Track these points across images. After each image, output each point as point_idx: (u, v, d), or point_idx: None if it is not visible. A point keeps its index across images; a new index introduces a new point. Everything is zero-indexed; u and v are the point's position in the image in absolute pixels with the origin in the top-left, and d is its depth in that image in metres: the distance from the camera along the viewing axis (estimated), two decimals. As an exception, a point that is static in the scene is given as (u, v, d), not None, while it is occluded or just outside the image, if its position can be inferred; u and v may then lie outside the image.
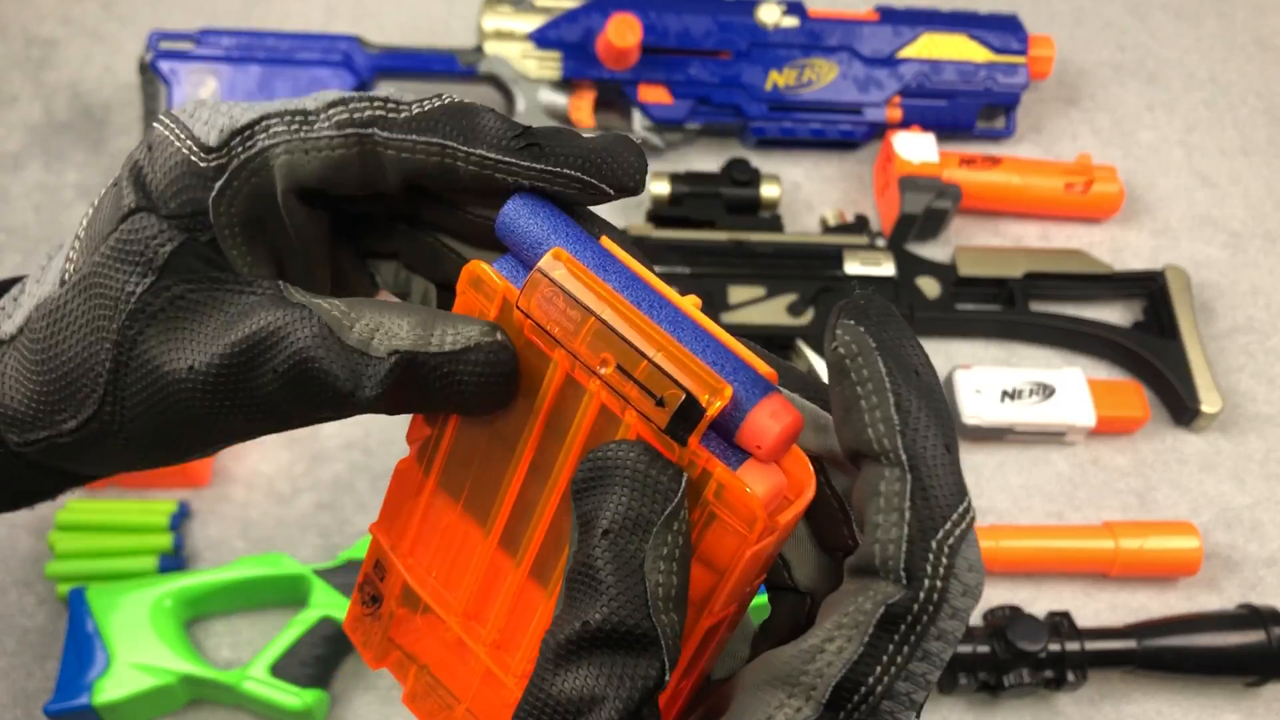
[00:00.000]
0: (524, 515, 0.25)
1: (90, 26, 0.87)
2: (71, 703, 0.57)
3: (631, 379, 0.22)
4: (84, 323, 0.25)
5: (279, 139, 0.25)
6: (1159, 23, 0.95)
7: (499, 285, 0.24)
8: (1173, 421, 0.74)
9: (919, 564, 0.21)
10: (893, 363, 0.22)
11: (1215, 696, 0.65)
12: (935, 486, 0.22)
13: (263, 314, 0.24)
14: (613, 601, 0.21)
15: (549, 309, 0.23)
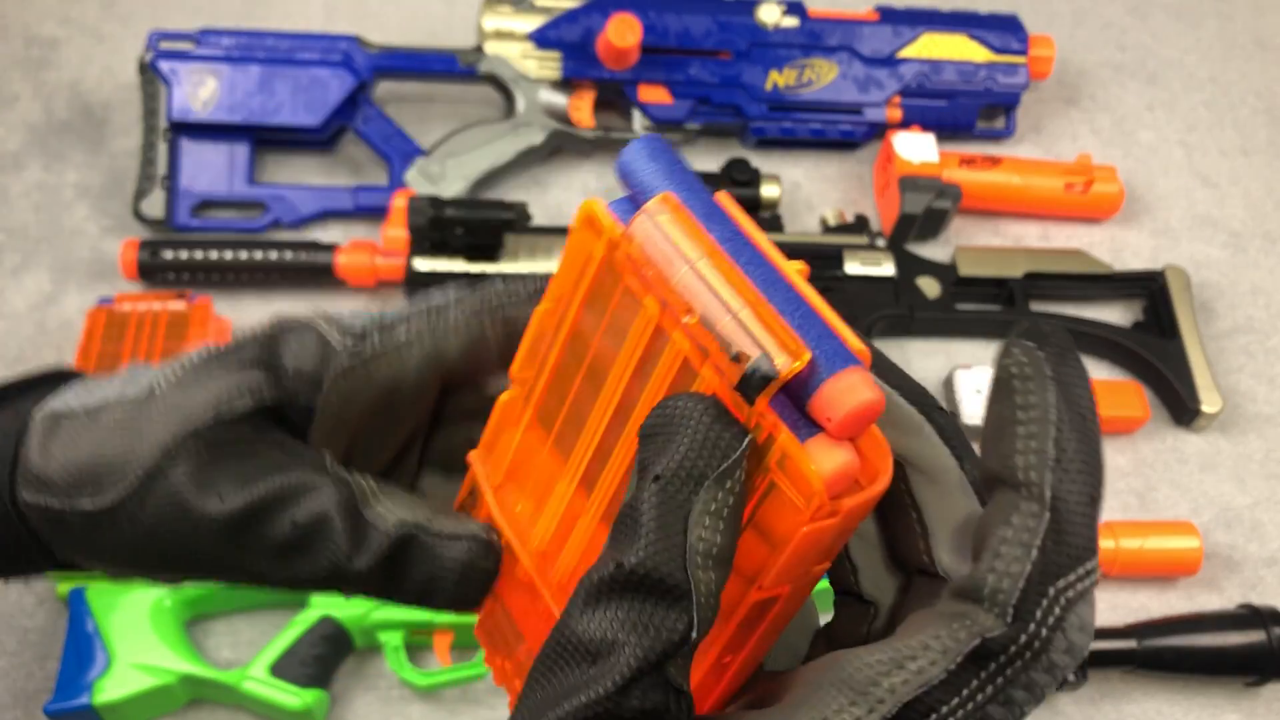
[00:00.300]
0: (603, 458, 0.25)
1: (90, 26, 0.87)
2: (72, 702, 0.57)
3: (713, 331, 0.21)
4: (150, 422, 0.27)
5: (420, 330, 0.28)
6: (1159, 23, 0.95)
7: (607, 225, 0.23)
8: (1173, 421, 0.74)
9: (1031, 605, 0.21)
10: (1063, 398, 0.22)
11: (1215, 696, 0.64)
12: (1071, 534, 0.21)
13: (302, 472, 0.27)
14: (650, 547, 0.21)
15: (648, 251, 0.22)
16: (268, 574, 0.27)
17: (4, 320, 0.74)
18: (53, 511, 0.27)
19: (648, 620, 0.21)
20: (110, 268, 0.76)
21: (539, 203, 0.81)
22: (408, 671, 0.60)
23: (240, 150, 0.78)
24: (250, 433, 0.27)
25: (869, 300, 0.75)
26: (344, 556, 0.26)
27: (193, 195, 0.77)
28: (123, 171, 0.80)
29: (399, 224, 0.73)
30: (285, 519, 0.26)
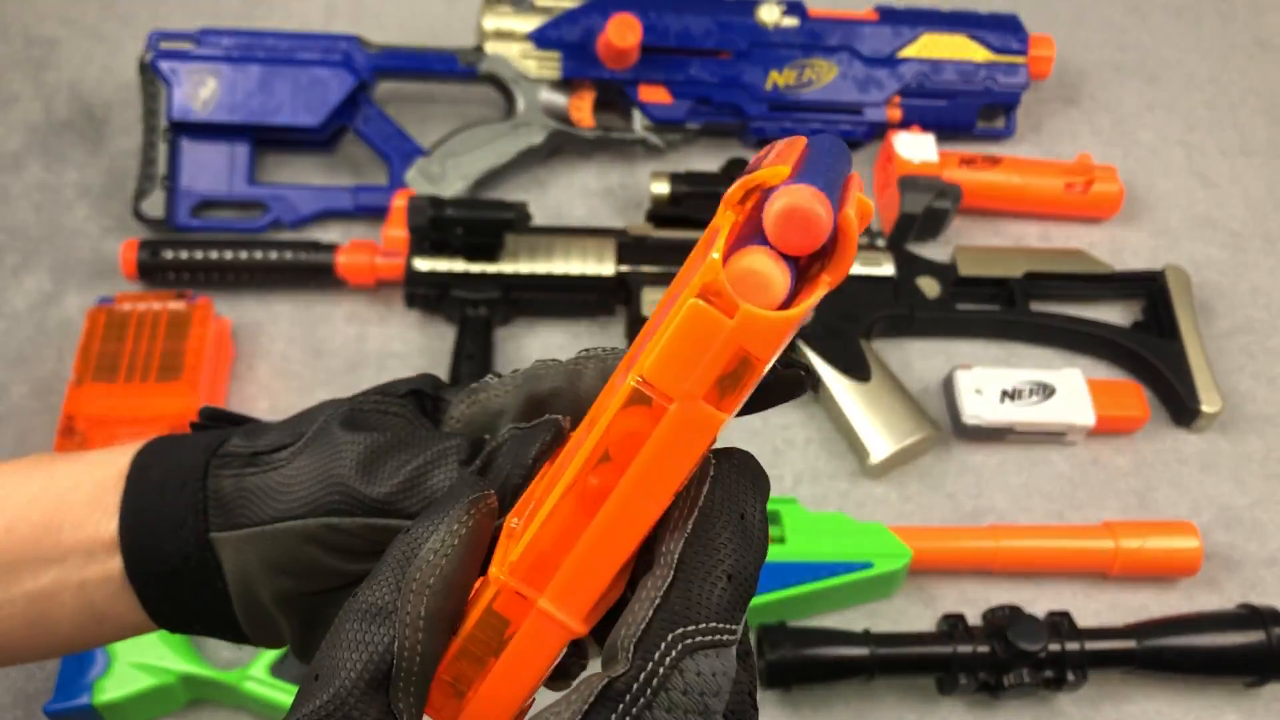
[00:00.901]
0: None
1: (91, 26, 0.87)
2: (72, 703, 0.57)
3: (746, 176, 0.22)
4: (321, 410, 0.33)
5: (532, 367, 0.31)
6: (1159, 23, 0.95)
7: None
8: (1173, 421, 0.74)
9: (650, 647, 0.23)
10: (723, 493, 0.24)
11: (1215, 696, 0.64)
12: (696, 595, 0.23)
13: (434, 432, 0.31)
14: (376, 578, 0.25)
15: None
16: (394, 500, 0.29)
17: (4, 320, 0.74)
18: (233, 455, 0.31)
19: (364, 639, 0.24)
20: (110, 267, 0.76)
21: (539, 203, 0.81)
22: (408, 671, 0.60)
23: (240, 150, 0.78)
24: (404, 411, 0.32)
25: (869, 300, 0.75)
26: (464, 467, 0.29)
27: (193, 195, 0.77)
28: (123, 171, 0.80)
29: (399, 224, 0.73)
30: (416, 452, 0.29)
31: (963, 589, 0.67)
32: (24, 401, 0.71)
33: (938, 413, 0.73)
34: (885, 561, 0.64)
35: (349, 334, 0.75)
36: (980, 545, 0.66)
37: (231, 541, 0.31)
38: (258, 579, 0.31)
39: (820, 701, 0.63)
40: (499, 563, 0.25)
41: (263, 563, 0.31)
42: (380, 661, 0.24)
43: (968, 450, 0.73)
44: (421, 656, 0.24)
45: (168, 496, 0.31)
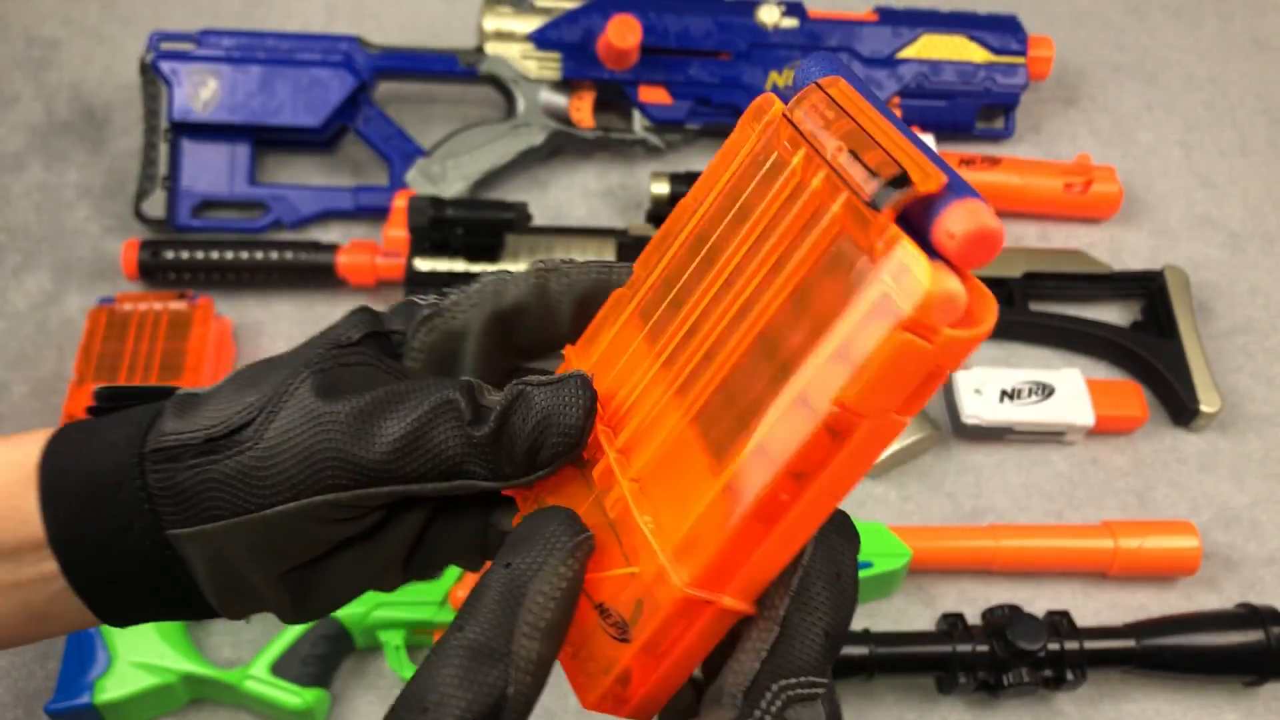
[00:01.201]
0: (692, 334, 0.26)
1: (91, 27, 0.87)
2: (73, 702, 0.58)
3: (860, 160, 0.22)
4: (272, 369, 0.30)
5: (488, 280, 0.31)
6: (1158, 23, 0.95)
7: (779, 107, 0.25)
8: (1171, 421, 0.74)
9: (755, 696, 0.25)
10: (822, 553, 0.26)
11: (1214, 695, 0.65)
12: (800, 649, 0.25)
13: (417, 380, 0.29)
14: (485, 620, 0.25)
15: (809, 115, 0.24)
16: (393, 465, 0.28)
17: (5, 320, 0.74)
18: (177, 447, 0.29)
19: (474, 678, 0.24)
20: (111, 268, 0.76)
21: (539, 203, 0.81)
22: (408, 671, 0.61)
23: (241, 150, 0.78)
24: (367, 359, 0.30)
25: (868, 300, 0.75)
26: (467, 427, 0.27)
27: (194, 195, 0.77)
28: (124, 172, 0.80)
29: (399, 224, 0.73)
30: (410, 409, 0.28)
31: (962, 588, 0.67)
32: (25, 401, 0.71)
33: (937, 412, 0.73)
34: (885, 561, 0.64)
35: (349, 334, 0.75)
36: (980, 545, 0.66)
37: (205, 535, 0.29)
38: (245, 565, 0.30)
39: (820, 701, 0.63)
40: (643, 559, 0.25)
41: (252, 549, 0.29)
42: (491, 702, 0.24)
43: (967, 450, 0.73)
44: (529, 698, 0.25)
45: (101, 503, 0.29)
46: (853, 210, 0.22)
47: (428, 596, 0.61)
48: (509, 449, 0.28)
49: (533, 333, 0.31)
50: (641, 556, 0.25)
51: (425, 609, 0.61)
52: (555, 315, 0.31)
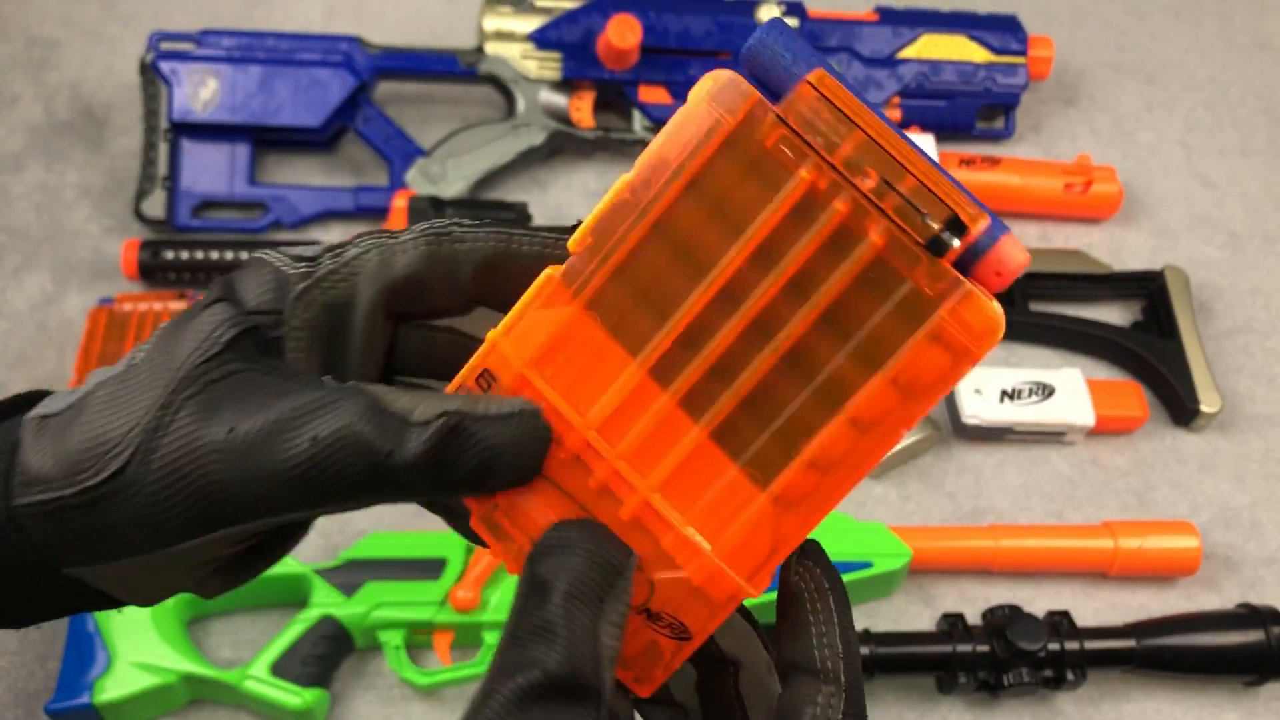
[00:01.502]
0: (691, 345, 0.25)
1: (91, 27, 0.87)
2: (73, 702, 0.58)
3: (895, 193, 0.22)
4: (137, 388, 0.26)
5: (369, 246, 0.27)
6: (1158, 23, 0.95)
7: (751, 93, 0.24)
8: (1172, 421, 0.74)
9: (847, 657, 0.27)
10: (844, 608, 0.27)
11: (1214, 695, 0.65)
12: (858, 706, 0.26)
13: (311, 390, 0.26)
14: (571, 655, 0.23)
15: (813, 119, 0.23)
16: (301, 499, 0.26)
17: (5, 320, 0.74)
18: (53, 504, 0.26)
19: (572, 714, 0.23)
20: (111, 268, 0.76)
21: (539, 203, 0.81)
22: (408, 671, 0.61)
23: (241, 150, 0.78)
24: (243, 365, 0.26)
25: (869, 300, 0.75)
26: (383, 454, 0.25)
27: (194, 195, 0.77)
28: (124, 172, 0.80)
29: (399, 224, 0.73)
30: (305, 435, 0.25)
31: (962, 588, 0.67)
32: (25, 401, 0.71)
33: (937, 412, 0.73)
34: (885, 561, 0.64)
35: (349, 334, 0.75)
36: (980, 545, 0.66)
37: (111, 570, 0.27)
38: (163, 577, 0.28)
39: (820, 701, 0.63)
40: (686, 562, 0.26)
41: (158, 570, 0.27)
42: None
43: (967, 450, 0.73)
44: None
45: None
46: (897, 244, 0.23)
47: (428, 597, 0.61)
48: (439, 478, 0.25)
49: (427, 301, 0.28)
50: (682, 559, 0.26)
51: (425, 609, 0.61)
52: (453, 284, 0.28)
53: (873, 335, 0.24)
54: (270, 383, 0.26)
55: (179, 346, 0.27)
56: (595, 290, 0.25)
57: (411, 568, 0.62)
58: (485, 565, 0.62)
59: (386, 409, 0.25)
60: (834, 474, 0.25)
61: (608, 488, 0.26)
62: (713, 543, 0.25)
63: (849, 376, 0.24)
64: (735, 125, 0.24)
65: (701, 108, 0.24)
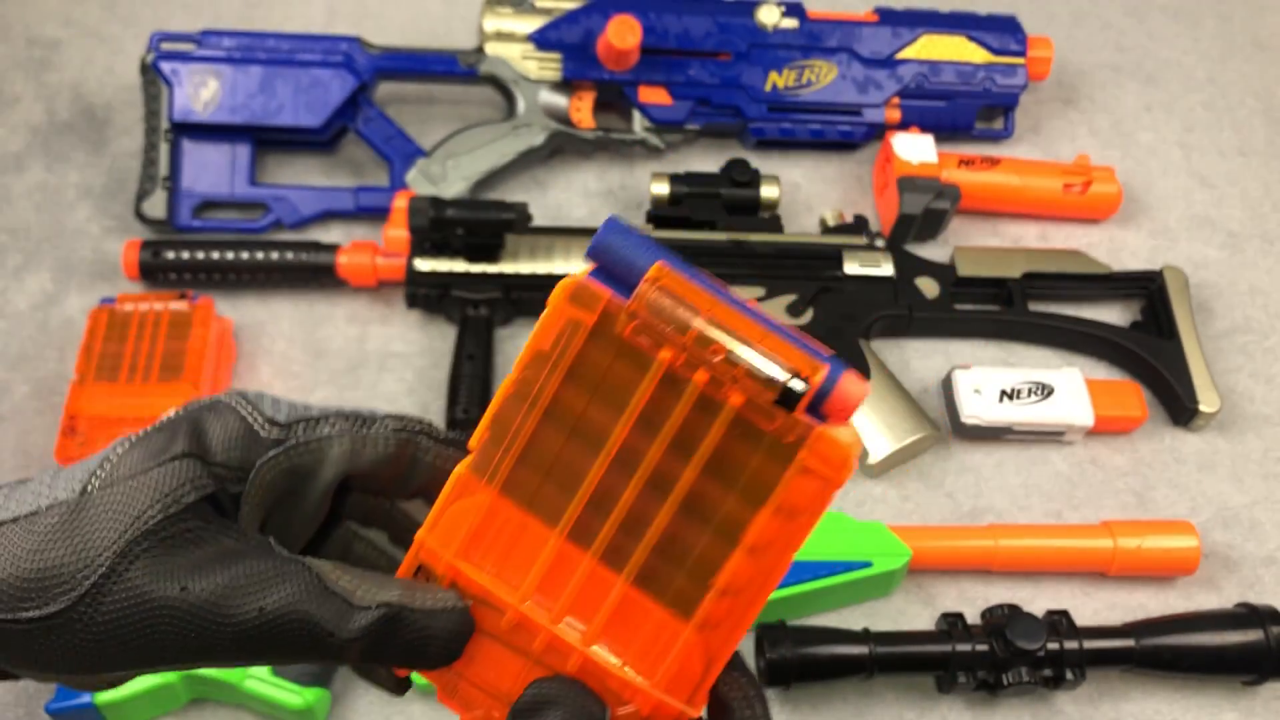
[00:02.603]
0: (602, 506, 0.28)
1: (92, 27, 0.88)
2: (73, 701, 0.58)
3: (741, 364, 0.26)
4: (93, 525, 0.27)
5: (343, 431, 0.30)
6: (1157, 24, 0.95)
7: (603, 293, 0.28)
8: (1171, 421, 0.75)
9: None
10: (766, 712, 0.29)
11: (1213, 695, 0.65)
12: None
13: (262, 558, 0.28)
14: None
15: (658, 311, 0.27)
16: (239, 657, 0.28)
17: (6, 320, 0.74)
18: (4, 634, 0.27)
19: None
20: (112, 268, 0.76)
21: (539, 203, 0.81)
22: (409, 670, 0.61)
23: (242, 151, 0.78)
24: (199, 523, 0.28)
25: (868, 300, 0.75)
26: (325, 634, 0.27)
27: (194, 196, 0.77)
28: (125, 172, 0.81)
29: (400, 224, 0.73)
30: (252, 605, 0.27)
31: (962, 588, 0.68)
32: (26, 401, 0.71)
33: (937, 413, 0.74)
34: (884, 560, 0.64)
35: (350, 334, 0.75)
36: (979, 544, 0.66)
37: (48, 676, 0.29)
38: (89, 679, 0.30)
39: (820, 700, 0.63)
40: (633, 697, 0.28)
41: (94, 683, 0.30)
42: None
43: (966, 450, 0.73)
44: None
45: None
46: (752, 404, 0.27)
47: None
48: (372, 655, 0.28)
49: (379, 488, 0.31)
50: (629, 696, 0.28)
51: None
52: (406, 483, 0.31)
53: (751, 477, 0.27)
54: (224, 545, 0.28)
55: (141, 495, 0.28)
56: (505, 476, 0.29)
57: (412, 567, 0.62)
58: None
59: (330, 588, 0.28)
60: (744, 595, 0.28)
61: (551, 645, 0.29)
62: (651, 677, 0.28)
63: (739, 514, 0.27)
64: (594, 322, 0.28)
65: (563, 308, 0.28)
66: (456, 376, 0.71)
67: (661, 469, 0.28)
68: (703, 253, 0.75)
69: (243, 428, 0.29)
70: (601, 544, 0.28)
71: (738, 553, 0.27)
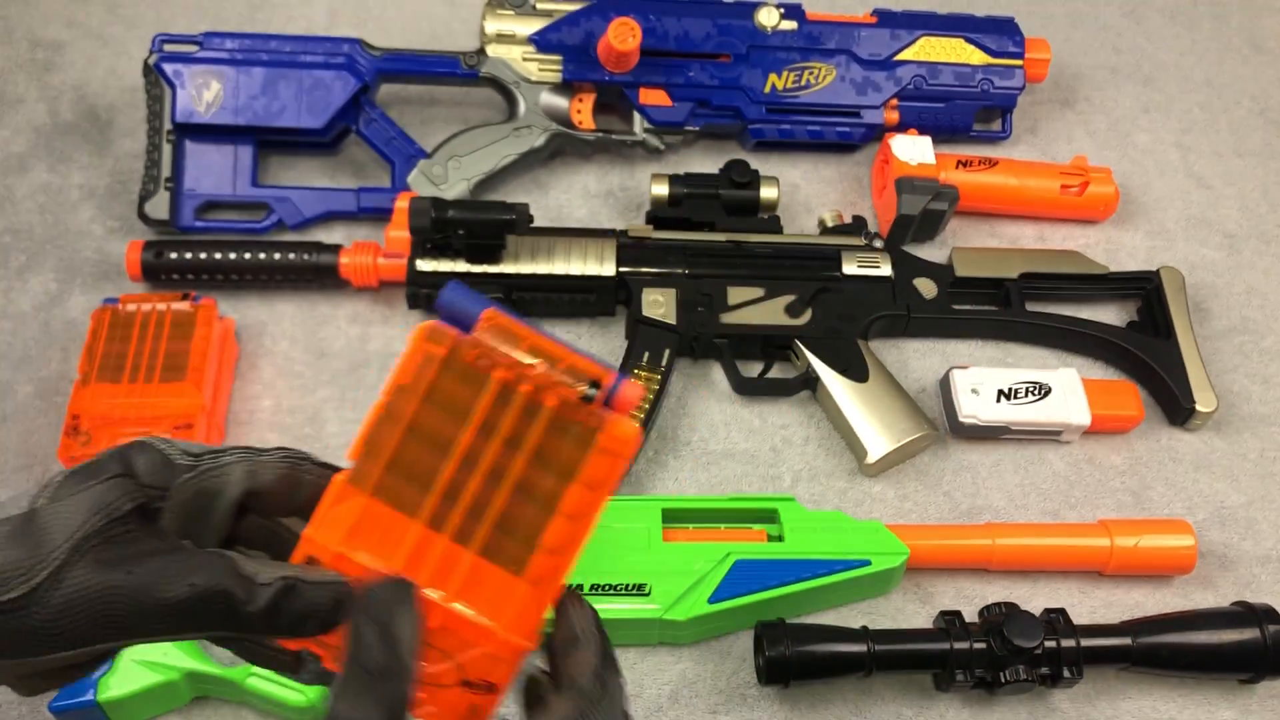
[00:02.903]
0: (452, 499, 0.36)
1: (95, 29, 0.88)
2: (76, 699, 0.58)
3: (554, 375, 0.36)
4: (46, 533, 0.33)
5: (241, 458, 0.37)
6: (1155, 26, 0.96)
7: (451, 334, 0.37)
8: (1167, 421, 0.75)
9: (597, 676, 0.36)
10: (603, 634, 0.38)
11: (1210, 693, 0.65)
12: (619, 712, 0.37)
13: (189, 551, 0.35)
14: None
15: (492, 342, 0.36)
16: (175, 627, 0.34)
17: (10, 321, 0.75)
18: None
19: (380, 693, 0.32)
20: (115, 268, 0.77)
21: (540, 204, 0.81)
22: (410, 668, 0.61)
23: (244, 152, 0.78)
24: (134, 527, 0.34)
25: (866, 301, 0.75)
26: (240, 603, 0.34)
27: (197, 197, 0.78)
28: (127, 173, 0.81)
29: (402, 225, 0.74)
30: (184, 582, 0.33)
31: (959, 586, 0.68)
32: (29, 401, 0.71)
33: (935, 412, 0.74)
34: (883, 559, 0.64)
35: (352, 334, 0.76)
36: (977, 543, 0.67)
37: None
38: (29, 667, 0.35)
39: (818, 698, 0.64)
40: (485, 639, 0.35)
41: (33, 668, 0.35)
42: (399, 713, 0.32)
43: (964, 449, 0.73)
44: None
45: None
46: (565, 403, 0.36)
47: (429, 594, 0.62)
48: (272, 622, 0.34)
49: (270, 505, 0.38)
50: (481, 640, 0.35)
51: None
52: (291, 500, 0.38)
53: (565, 461, 0.36)
54: (155, 543, 0.35)
55: (85, 505, 0.34)
56: (376, 482, 0.36)
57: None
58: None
59: (241, 569, 0.34)
60: (564, 553, 0.36)
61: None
62: (500, 622, 0.35)
63: (557, 489, 0.36)
64: (445, 354, 0.36)
65: (421, 345, 0.37)
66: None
67: (498, 462, 0.36)
68: (702, 253, 0.76)
69: (161, 458, 0.36)
70: (453, 527, 0.36)
71: (557, 519, 0.36)
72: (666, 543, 0.64)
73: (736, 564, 0.63)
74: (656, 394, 0.71)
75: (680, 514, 0.66)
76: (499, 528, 0.36)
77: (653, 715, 0.63)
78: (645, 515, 0.65)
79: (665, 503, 0.66)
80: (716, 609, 0.62)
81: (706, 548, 0.64)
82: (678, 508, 0.66)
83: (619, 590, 0.62)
